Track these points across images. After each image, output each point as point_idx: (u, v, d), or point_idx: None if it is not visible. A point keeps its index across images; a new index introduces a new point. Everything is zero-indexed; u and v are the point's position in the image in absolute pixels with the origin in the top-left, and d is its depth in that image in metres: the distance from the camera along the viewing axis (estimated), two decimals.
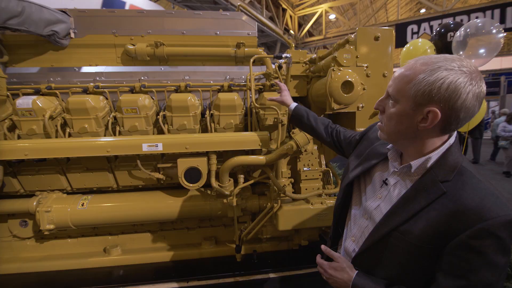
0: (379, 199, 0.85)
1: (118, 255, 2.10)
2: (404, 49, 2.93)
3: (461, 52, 2.49)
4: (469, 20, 7.51)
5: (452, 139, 0.77)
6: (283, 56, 1.92)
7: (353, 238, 0.91)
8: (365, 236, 0.86)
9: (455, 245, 0.68)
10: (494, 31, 2.29)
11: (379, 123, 0.83)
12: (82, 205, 1.80)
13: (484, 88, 0.68)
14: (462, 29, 2.40)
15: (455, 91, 0.65)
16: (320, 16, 12.62)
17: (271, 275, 1.96)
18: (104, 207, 1.84)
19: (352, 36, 1.80)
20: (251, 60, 1.91)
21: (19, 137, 1.74)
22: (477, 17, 7.33)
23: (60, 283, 1.94)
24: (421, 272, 0.75)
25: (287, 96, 1.53)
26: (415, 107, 0.70)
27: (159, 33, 2.16)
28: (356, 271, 0.83)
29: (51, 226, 1.75)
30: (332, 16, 13.40)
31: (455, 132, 0.78)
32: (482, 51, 2.32)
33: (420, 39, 2.93)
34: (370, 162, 0.93)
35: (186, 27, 2.18)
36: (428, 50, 2.65)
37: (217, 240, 2.23)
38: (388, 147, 0.89)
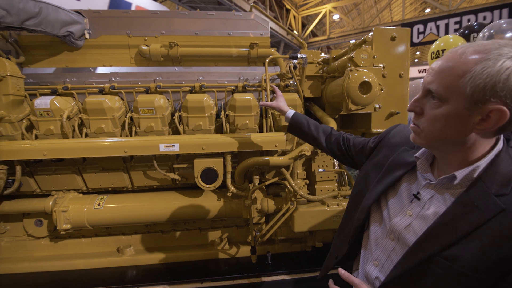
0: (410, 217, 0.72)
1: (132, 255, 2.10)
2: (433, 46, 2.86)
3: None
4: (476, 20, 7.47)
5: (500, 143, 0.64)
6: (298, 56, 1.91)
7: (376, 262, 0.78)
8: (393, 260, 0.73)
9: None
10: None
11: (412, 125, 0.71)
12: (98, 205, 1.80)
13: None
14: (486, 29, 2.38)
15: None
16: (324, 16, 12.62)
17: (286, 277, 1.95)
18: (120, 207, 1.85)
19: (370, 36, 1.79)
20: (267, 61, 1.91)
21: (36, 137, 1.75)
22: (484, 17, 7.28)
23: (73, 283, 1.94)
24: None
25: (283, 102, 1.40)
26: (471, 106, 0.57)
27: (172, 34, 2.16)
28: None
29: (68, 226, 1.76)
30: (336, 16, 13.40)
31: (502, 135, 0.65)
32: None
33: (451, 35, 2.84)
34: (394, 174, 0.80)
35: (199, 27, 2.18)
36: None
37: (229, 241, 2.23)
38: (416, 154, 0.76)
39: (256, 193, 1.96)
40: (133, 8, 5.64)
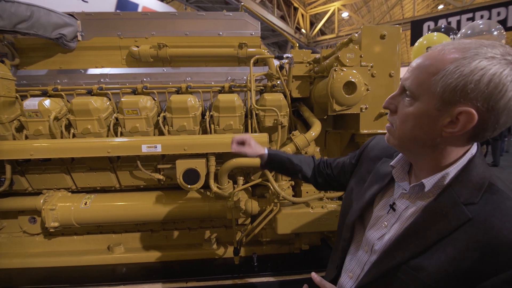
0: (385, 228, 0.70)
1: (121, 253, 2.14)
2: (416, 44, 2.73)
3: None
4: (490, 16, 7.16)
5: (474, 148, 0.61)
6: (284, 56, 1.89)
7: (351, 274, 0.77)
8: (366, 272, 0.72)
9: None
10: (495, 32, 2.18)
11: (388, 125, 0.68)
12: (85, 204, 1.84)
13: None
14: (463, 30, 2.29)
15: (498, 87, 0.50)
16: (333, 14, 12.43)
17: (271, 279, 1.93)
18: (106, 206, 1.88)
19: (356, 35, 1.74)
20: (251, 61, 1.90)
21: (26, 137, 1.80)
22: (498, 13, 6.97)
23: (65, 279, 1.99)
24: None
25: (257, 147, 1.16)
26: (441, 107, 0.55)
27: (162, 35, 2.18)
28: None
29: (56, 224, 1.81)
30: (344, 14, 13.17)
31: None
32: None
33: (435, 33, 2.65)
34: (375, 187, 0.78)
35: (190, 28, 2.19)
36: None
37: (218, 241, 2.23)
38: (392, 163, 0.73)
39: (241, 194, 1.95)
40: (139, 9, 5.74)
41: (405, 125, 0.61)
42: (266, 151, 1.18)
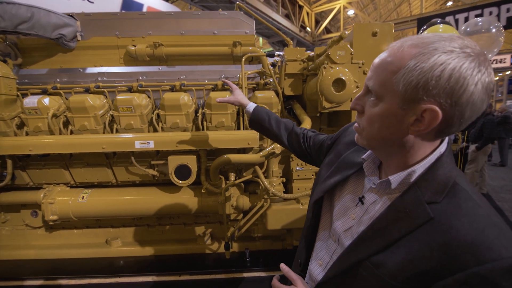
0: (352, 220, 0.71)
1: (118, 246, 2.21)
2: None
3: None
4: (499, 12, 6.98)
5: (443, 146, 0.61)
6: (275, 54, 1.90)
7: (320, 261, 0.78)
8: (333, 261, 0.72)
9: None
10: (494, 30, 2.13)
11: (356, 125, 0.67)
12: (82, 198, 1.91)
13: (493, 76, 0.52)
14: (462, 27, 2.25)
15: (459, 82, 0.49)
16: (338, 12, 12.32)
17: (262, 274, 1.96)
18: (102, 201, 1.94)
19: (347, 33, 1.75)
20: (243, 59, 1.92)
21: (27, 134, 1.87)
22: (508, 9, 6.79)
23: (65, 271, 2.07)
24: None
25: (240, 95, 1.30)
26: (405, 105, 0.54)
27: (159, 34, 2.23)
28: None
29: (55, 217, 1.88)
30: (350, 12, 13.02)
31: (447, 137, 0.61)
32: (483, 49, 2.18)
33: (441, 25, 2.47)
34: (341, 174, 0.77)
35: (185, 27, 2.23)
36: None
37: (213, 237, 2.27)
38: (363, 156, 0.73)
39: (233, 190, 1.98)
40: (144, 9, 5.83)
41: (372, 126, 0.60)
42: (250, 107, 1.23)
